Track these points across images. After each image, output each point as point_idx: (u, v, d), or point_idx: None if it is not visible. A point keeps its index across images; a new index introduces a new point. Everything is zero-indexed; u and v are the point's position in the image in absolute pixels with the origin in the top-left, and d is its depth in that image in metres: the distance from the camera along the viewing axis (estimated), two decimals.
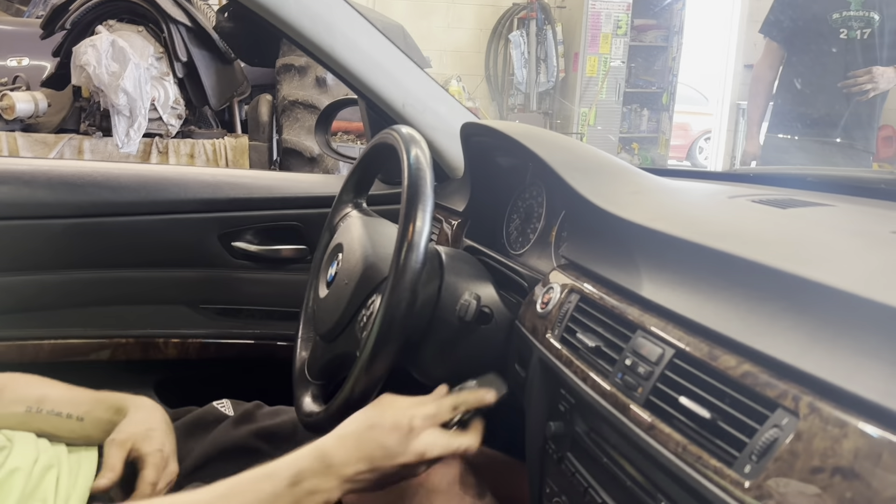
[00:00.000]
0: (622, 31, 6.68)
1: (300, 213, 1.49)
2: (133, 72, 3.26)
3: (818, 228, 0.78)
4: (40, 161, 1.46)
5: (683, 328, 0.63)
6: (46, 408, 0.97)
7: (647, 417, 0.62)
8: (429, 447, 0.76)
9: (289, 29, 1.24)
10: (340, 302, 0.94)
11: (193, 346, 1.47)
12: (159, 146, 3.58)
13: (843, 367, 0.48)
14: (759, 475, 0.49)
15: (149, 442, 0.94)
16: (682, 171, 1.92)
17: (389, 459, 0.75)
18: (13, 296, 1.37)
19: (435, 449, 0.77)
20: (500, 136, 1.06)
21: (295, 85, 3.71)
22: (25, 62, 4.16)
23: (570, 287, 0.83)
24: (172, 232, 1.43)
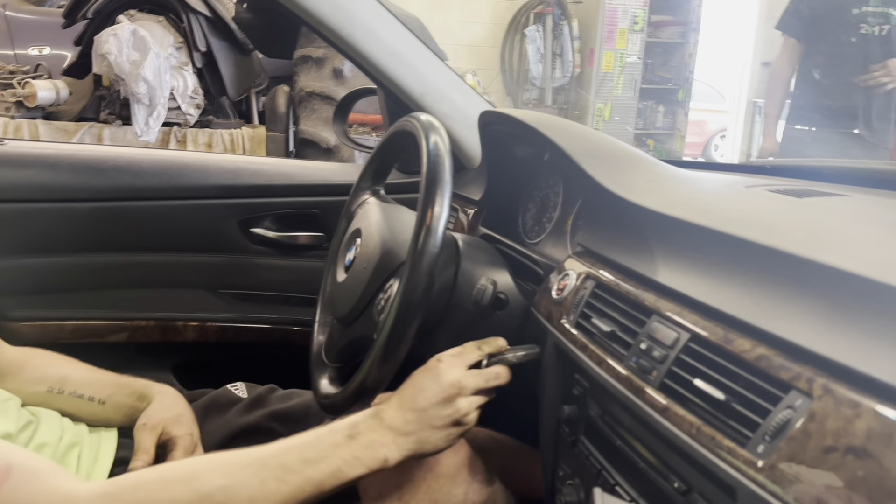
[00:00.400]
0: (639, 27, 6.65)
1: (318, 200, 1.50)
2: (153, 61, 3.29)
3: (834, 217, 0.78)
4: (64, 145, 1.49)
5: (699, 313, 0.64)
6: (68, 389, 0.99)
7: (661, 400, 0.62)
8: (462, 378, 0.80)
9: (310, 17, 1.25)
10: (358, 286, 0.95)
11: (212, 329, 1.49)
12: (177, 135, 3.62)
13: (857, 350, 0.49)
14: (772, 455, 0.50)
15: (179, 426, 0.97)
16: (699, 163, 1.91)
17: (427, 397, 0.78)
18: (36, 277, 1.39)
19: (468, 379, 0.80)
20: (518, 125, 1.07)
21: (312, 76, 3.73)
22: (47, 51, 4.21)
23: (586, 273, 0.84)
24: (193, 217, 1.45)
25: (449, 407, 0.78)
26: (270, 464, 0.70)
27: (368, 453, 0.74)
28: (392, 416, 0.77)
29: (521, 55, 6.96)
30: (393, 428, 0.76)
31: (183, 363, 1.49)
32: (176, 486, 0.66)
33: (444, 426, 0.78)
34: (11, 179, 1.35)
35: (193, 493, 0.65)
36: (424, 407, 0.78)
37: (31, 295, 1.40)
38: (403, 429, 0.76)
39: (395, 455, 0.75)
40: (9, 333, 1.01)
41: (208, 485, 0.67)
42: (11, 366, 0.98)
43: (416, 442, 0.77)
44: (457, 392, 0.79)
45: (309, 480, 0.70)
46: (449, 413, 0.78)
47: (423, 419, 0.77)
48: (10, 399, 0.90)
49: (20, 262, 1.38)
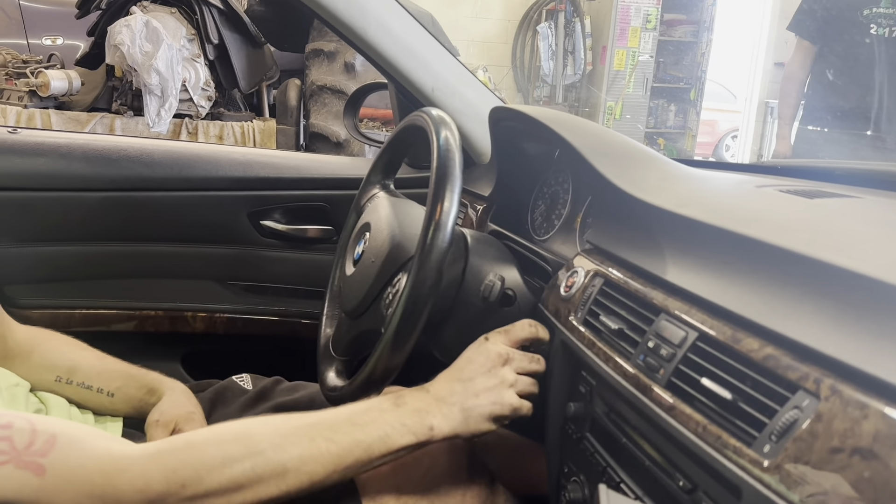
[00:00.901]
0: (651, 26, 6.62)
1: (328, 194, 1.51)
2: (166, 52, 3.30)
3: (844, 217, 0.78)
4: (77, 135, 1.49)
5: (707, 311, 0.64)
6: (77, 380, 0.99)
7: (668, 398, 0.62)
8: (508, 351, 0.81)
9: (322, 11, 1.25)
10: (367, 279, 0.95)
11: (220, 320, 1.50)
12: (189, 127, 3.63)
13: (865, 351, 0.49)
14: (778, 455, 0.50)
15: (191, 423, 0.98)
16: (710, 163, 1.90)
17: (474, 367, 0.80)
18: (47, 265, 1.40)
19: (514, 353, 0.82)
20: (529, 121, 1.06)
21: (324, 70, 3.74)
22: (60, 41, 4.23)
23: (595, 271, 0.84)
24: (203, 208, 1.46)
25: (494, 376, 0.79)
26: (320, 426, 0.72)
27: (415, 420, 0.75)
28: (438, 388, 0.79)
29: (533, 52, 6.95)
30: (439, 398, 0.78)
31: (192, 353, 1.50)
32: (229, 444, 0.67)
33: (489, 399, 0.78)
34: (24, 168, 1.36)
35: (246, 451, 0.67)
36: (471, 376, 0.79)
37: (42, 283, 1.41)
38: (449, 399, 0.77)
39: (442, 425, 0.76)
40: (19, 320, 1.02)
41: (260, 443, 0.68)
42: (21, 347, 0.99)
43: (461, 412, 0.77)
44: (502, 362, 0.80)
45: (357, 443, 0.71)
46: (494, 384, 0.79)
47: (468, 389, 0.78)
48: (18, 384, 0.91)
49: (32, 249, 1.39)
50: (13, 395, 0.87)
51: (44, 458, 0.58)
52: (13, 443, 0.57)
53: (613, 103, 6.71)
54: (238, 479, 0.65)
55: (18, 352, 0.98)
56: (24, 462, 0.57)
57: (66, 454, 0.59)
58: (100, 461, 0.61)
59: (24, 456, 0.57)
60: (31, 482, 0.56)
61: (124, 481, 0.60)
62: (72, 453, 0.60)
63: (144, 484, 0.61)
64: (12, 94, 3.57)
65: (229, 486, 0.64)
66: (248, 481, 0.65)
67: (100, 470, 0.60)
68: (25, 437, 0.58)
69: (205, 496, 0.63)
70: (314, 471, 0.69)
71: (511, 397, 0.80)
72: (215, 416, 1.08)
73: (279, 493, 0.67)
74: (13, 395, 0.87)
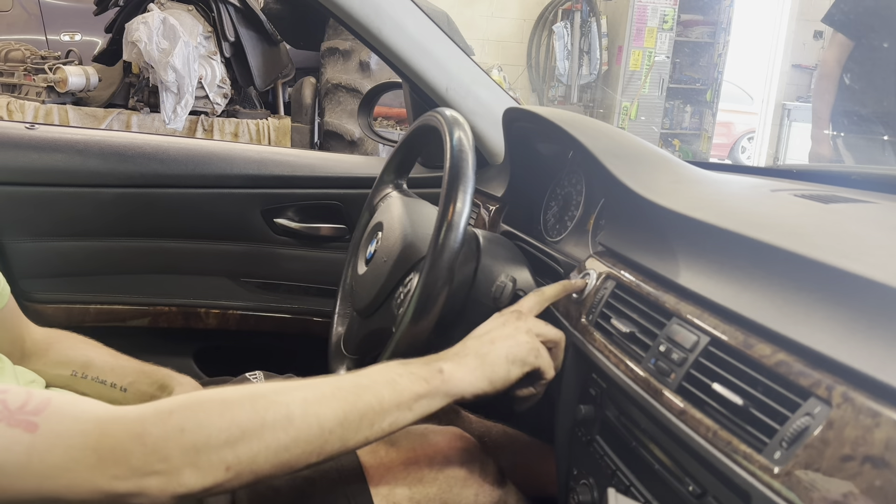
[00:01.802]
0: (668, 26, 6.59)
1: (341, 192, 1.51)
2: (182, 50, 3.32)
3: (859, 223, 0.77)
4: (93, 131, 1.50)
5: (719, 316, 0.63)
6: (91, 374, 1.00)
7: (678, 403, 0.62)
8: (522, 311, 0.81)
9: (337, 10, 1.26)
10: (378, 279, 0.96)
11: (233, 317, 1.51)
12: (204, 124, 3.65)
13: (879, 358, 0.48)
14: (789, 461, 0.50)
15: None
16: (724, 165, 1.90)
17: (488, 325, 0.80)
18: (63, 260, 1.42)
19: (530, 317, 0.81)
20: (543, 122, 1.06)
21: (339, 68, 3.75)
22: (78, 37, 4.28)
23: (607, 274, 0.84)
24: (217, 205, 1.47)
25: (509, 325, 0.79)
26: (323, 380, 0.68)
27: (422, 367, 0.72)
28: (449, 350, 0.77)
29: (548, 52, 6.93)
30: (450, 353, 0.76)
31: (204, 349, 1.52)
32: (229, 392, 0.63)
33: (506, 344, 0.77)
34: (41, 164, 1.37)
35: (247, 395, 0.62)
36: (485, 332, 0.79)
37: (57, 277, 1.43)
38: (462, 351, 0.76)
39: (454, 370, 0.73)
40: (34, 315, 1.03)
41: (261, 389, 0.64)
42: (37, 347, 1.00)
43: (476, 358, 0.75)
44: (516, 317, 0.80)
45: (365, 388, 0.67)
46: (510, 331, 0.78)
47: (482, 340, 0.77)
48: (34, 381, 0.92)
49: (47, 244, 1.40)
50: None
51: (36, 417, 0.55)
52: (7, 404, 0.55)
53: (629, 104, 6.68)
54: (240, 423, 0.59)
55: (35, 351, 1.00)
56: (17, 420, 0.54)
57: (60, 411, 0.56)
58: (95, 413, 0.58)
59: (16, 415, 0.55)
60: (22, 439, 0.54)
61: (120, 429, 0.57)
62: (67, 410, 0.57)
63: (141, 428, 0.57)
64: (30, 90, 3.61)
65: (231, 432, 0.59)
66: (251, 425, 0.60)
67: (95, 421, 0.57)
68: (20, 399, 0.56)
69: (206, 443, 0.58)
70: (322, 414, 0.63)
71: (530, 338, 0.78)
72: None
73: (289, 443, 0.61)
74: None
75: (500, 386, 0.75)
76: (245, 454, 0.59)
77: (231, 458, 0.58)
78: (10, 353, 0.90)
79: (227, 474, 0.58)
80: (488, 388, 0.74)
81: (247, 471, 0.59)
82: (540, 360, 0.79)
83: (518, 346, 0.77)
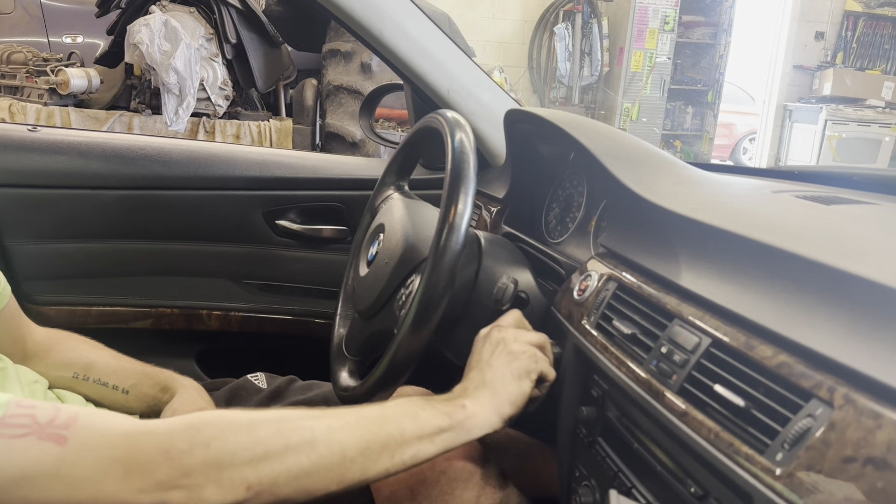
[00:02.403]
0: (669, 27, 6.59)
1: (343, 194, 1.51)
2: (184, 52, 3.32)
3: (860, 224, 0.77)
4: (96, 133, 1.51)
5: (721, 318, 0.64)
6: (93, 376, 1.00)
7: (680, 404, 0.62)
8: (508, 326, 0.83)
9: (339, 12, 1.26)
10: (380, 280, 0.96)
11: (235, 319, 1.51)
12: (206, 126, 3.65)
13: (880, 360, 0.48)
14: (791, 463, 0.50)
15: None
16: (726, 167, 1.90)
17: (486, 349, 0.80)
18: (65, 262, 1.42)
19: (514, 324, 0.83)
20: (544, 124, 1.06)
21: (340, 70, 3.75)
22: (80, 39, 4.28)
23: (608, 275, 0.84)
24: (219, 207, 1.47)
25: (494, 343, 0.80)
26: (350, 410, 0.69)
27: (444, 403, 0.73)
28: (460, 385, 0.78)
29: (550, 53, 6.93)
30: (463, 388, 0.77)
31: (207, 351, 1.52)
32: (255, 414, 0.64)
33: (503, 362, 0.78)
34: (43, 166, 1.38)
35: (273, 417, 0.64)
36: (478, 360, 0.79)
37: (60, 280, 1.43)
38: (471, 385, 0.77)
39: (475, 406, 0.74)
40: (36, 317, 1.03)
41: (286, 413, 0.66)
42: (39, 348, 1.00)
43: (487, 389, 0.76)
44: (497, 332, 0.81)
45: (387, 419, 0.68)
46: (499, 348, 0.79)
47: (482, 368, 0.78)
48: (37, 381, 0.92)
49: (49, 246, 1.41)
50: (33, 392, 0.89)
51: (66, 430, 0.56)
52: (35, 418, 0.56)
53: (630, 105, 6.69)
54: (265, 442, 0.61)
55: (37, 352, 1.00)
56: (46, 434, 0.55)
57: (89, 425, 0.57)
58: (124, 427, 0.58)
59: (46, 429, 0.56)
60: (51, 451, 0.55)
61: (148, 442, 0.58)
62: (95, 424, 0.58)
63: (168, 442, 0.58)
64: (32, 92, 3.61)
65: (255, 451, 0.60)
66: (275, 447, 0.61)
67: (123, 434, 0.58)
68: (48, 414, 0.57)
69: (231, 460, 0.59)
70: (345, 441, 0.64)
71: (521, 347, 0.80)
72: None
73: (310, 467, 0.62)
74: (33, 392, 0.89)
75: (521, 403, 0.77)
76: (267, 475, 0.60)
77: (253, 478, 0.59)
78: (12, 353, 0.91)
79: (248, 493, 0.59)
80: (512, 410, 0.76)
81: (267, 492, 0.60)
82: (540, 363, 0.80)
83: (516, 358, 0.78)
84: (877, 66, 7.15)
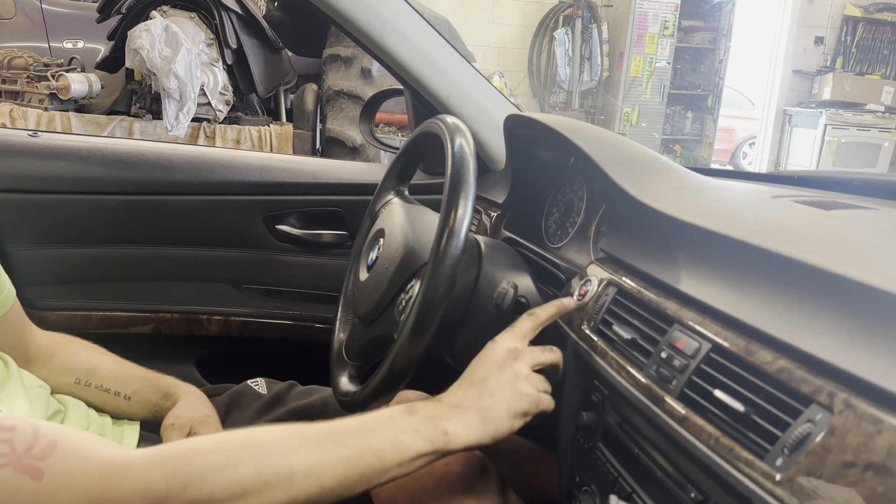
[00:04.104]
0: (669, 32, 6.61)
1: (343, 199, 1.51)
2: (185, 57, 3.33)
3: (860, 229, 0.77)
4: (95, 138, 1.51)
5: (721, 323, 0.64)
6: (95, 382, 1.00)
7: (680, 409, 0.62)
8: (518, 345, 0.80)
9: (340, 17, 1.26)
10: (380, 285, 0.96)
11: (235, 324, 1.51)
12: (207, 131, 3.66)
13: (880, 365, 0.48)
14: (791, 468, 0.50)
15: (206, 427, 0.98)
16: (726, 171, 1.90)
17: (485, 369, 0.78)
18: (66, 267, 1.42)
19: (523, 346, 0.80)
20: (544, 129, 1.07)
21: (340, 75, 3.76)
22: (81, 45, 4.29)
23: (608, 280, 0.84)
24: (219, 212, 1.47)
25: (507, 372, 0.77)
26: (329, 431, 0.69)
27: (429, 426, 0.72)
28: (451, 395, 0.76)
29: (550, 58, 6.95)
30: (452, 404, 0.75)
31: (207, 356, 1.52)
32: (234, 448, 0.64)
33: (506, 395, 0.76)
34: (44, 171, 1.38)
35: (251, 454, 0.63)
36: (483, 377, 0.77)
37: (60, 284, 1.43)
38: (464, 404, 0.75)
39: (459, 430, 0.73)
40: (37, 322, 1.03)
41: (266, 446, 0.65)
42: (42, 352, 1.00)
43: (478, 414, 0.74)
44: (513, 357, 0.78)
45: (368, 447, 0.68)
46: (508, 379, 0.77)
47: (482, 389, 0.76)
48: (41, 386, 0.92)
49: (50, 251, 1.41)
50: (37, 395, 0.88)
51: (42, 462, 0.56)
52: (13, 445, 0.56)
53: (630, 110, 6.70)
54: (242, 482, 0.61)
55: (39, 356, 1.00)
56: (23, 465, 0.55)
57: (65, 458, 0.57)
58: (99, 464, 0.58)
59: (23, 459, 0.56)
60: (28, 486, 0.55)
61: (124, 483, 0.58)
62: (71, 458, 0.58)
63: (145, 485, 0.58)
64: (33, 97, 3.62)
65: (233, 490, 0.61)
66: (252, 485, 0.61)
67: (99, 473, 0.58)
68: (27, 440, 0.57)
69: (208, 500, 0.59)
70: (323, 475, 0.65)
71: (529, 388, 0.77)
72: (231, 421, 1.09)
73: (287, 500, 0.63)
74: (37, 395, 0.88)
75: (501, 438, 0.76)
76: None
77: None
78: (14, 356, 0.91)
79: None
80: (490, 442, 0.75)
81: None
82: (542, 405, 0.79)
83: (519, 399, 0.76)
84: (876, 71, 7.17)
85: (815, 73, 7.16)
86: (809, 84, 7.21)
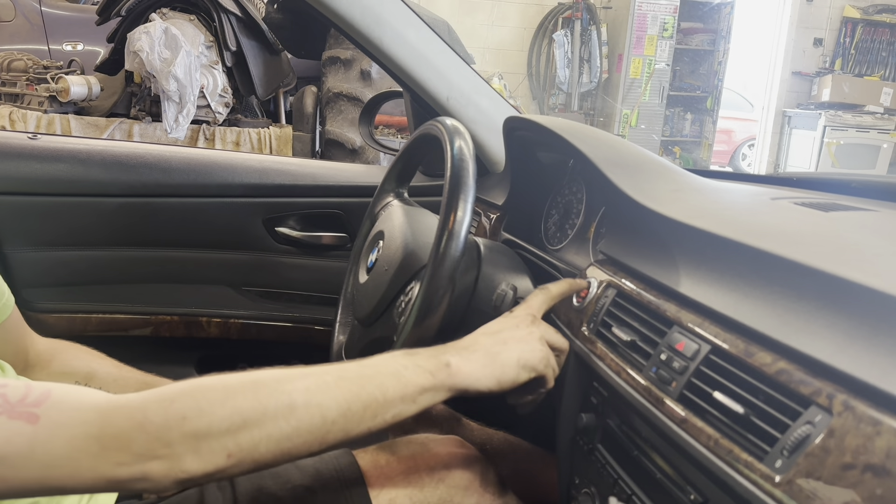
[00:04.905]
0: (668, 34, 6.61)
1: (342, 201, 1.51)
2: (184, 59, 3.33)
3: (859, 231, 0.77)
4: (95, 141, 1.51)
5: (720, 325, 0.64)
6: (94, 385, 1.00)
7: (680, 411, 0.62)
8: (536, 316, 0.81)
9: (339, 20, 1.26)
10: (380, 287, 0.96)
11: (235, 326, 1.51)
12: (206, 133, 3.66)
13: (879, 367, 0.48)
14: (790, 470, 0.50)
15: None
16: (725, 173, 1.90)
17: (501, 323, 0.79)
18: (65, 269, 1.42)
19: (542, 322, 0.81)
20: (543, 131, 1.07)
21: (340, 77, 3.76)
22: (80, 47, 4.29)
23: (608, 282, 0.84)
24: (219, 214, 1.47)
25: (523, 329, 0.78)
26: (328, 368, 0.68)
27: (430, 360, 0.71)
28: (460, 341, 0.76)
29: (549, 60, 6.95)
30: (459, 346, 0.75)
31: (206, 358, 1.52)
32: (231, 380, 0.62)
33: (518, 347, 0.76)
34: (43, 173, 1.38)
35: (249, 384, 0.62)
36: (497, 330, 0.78)
37: (59, 287, 1.43)
38: (472, 346, 0.75)
39: (461, 364, 0.72)
40: (36, 324, 1.03)
41: (264, 377, 0.64)
42: (41, 358, 1.00)
43: (486, 357, 0.74)
44: (530, 321, 0.79)
45: (369, 379, 0.67)
46: (524, 334, 0.77)
47: (496, 339, 0.76)
48: None
49: (49, 254, 1.41)
50: None
51: (38, 408, 0.55)
52: (7, 398, 0.55)
53: (629, 111, 6.70)
54: (242, 412, 0.59)
55: (38, 361, 1.00)
56: (18, 412, 0.55)
57: (60, 403, 0.56)
58: (96, 402, 0.58)
59: (17, 407, 0.55)
60: (24, 430, 0.54)
61: (121, 416, 0.57)
62: (67, 402, 0.57)
63: (143, 417, 0.57)
64: (33, 100, 3.62)
65: (233, 420, 0.59)
66: (253, 414, 0.60)
67: (96, 410, 0.57)
68: (20, 392, 0.56)
69: (208, 430, 0.58)
70: (325, 404, 0.63)
71: (543, 346, 0.77)
72: None
73: (290, 432, 0.61)
74: None
75: (506, 387, 0.75)
76: (246, 442, 0.60)
77: (232, 446, 0.59)
78: (14, 363, 0.90)
79: (229, 461, 0.59)
80: (495, 387, 0.74)
81: (248, 458, 0.60)
82: (548, 369, 0.79)
83: (532, 351, 0.77)
84: (875, 73, 7.18)
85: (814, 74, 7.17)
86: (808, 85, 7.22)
